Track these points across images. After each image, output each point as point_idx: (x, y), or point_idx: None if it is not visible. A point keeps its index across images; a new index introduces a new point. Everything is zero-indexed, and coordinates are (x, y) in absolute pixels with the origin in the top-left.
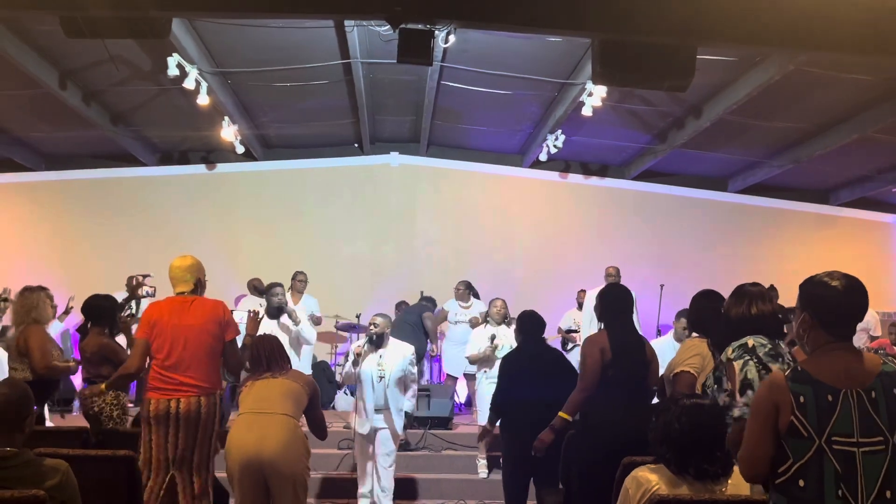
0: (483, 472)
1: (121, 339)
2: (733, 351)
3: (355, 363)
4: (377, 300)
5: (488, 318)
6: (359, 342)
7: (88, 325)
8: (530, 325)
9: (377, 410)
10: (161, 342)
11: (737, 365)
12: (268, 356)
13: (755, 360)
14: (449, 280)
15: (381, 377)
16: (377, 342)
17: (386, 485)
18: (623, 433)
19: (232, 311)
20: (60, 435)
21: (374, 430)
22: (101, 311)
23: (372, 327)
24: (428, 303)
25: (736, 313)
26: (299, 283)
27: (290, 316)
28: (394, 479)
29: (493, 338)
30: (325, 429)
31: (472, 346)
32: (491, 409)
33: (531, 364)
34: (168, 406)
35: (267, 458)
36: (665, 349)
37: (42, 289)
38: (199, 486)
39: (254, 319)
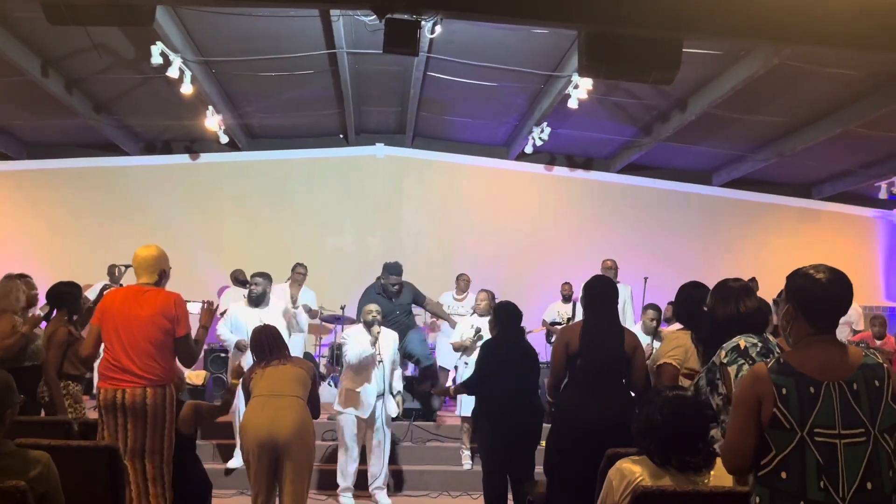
0: (467, 462)
1: None
2: (727, 354)
3: (374, 342)
4: (362, 292)
5: (474, 311)
6: (371, 328)
7: (53, 313)
8: (507, 316)
9: (378, 396)
10: (108, 330)
11: (731, 370)
12: (269, 345)
13: (749, 364)
14: (434, 272)
15: (380, 362)
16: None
17: (385, 473)
18: (591, 421)
19: (187, 301)
20: (42, 425)
21: (374, 417)
22: (62, 298)
23: (375, 314)
24: (391, 275)
25: (723, 313)
26: (299, 274)
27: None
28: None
29: (478, 330)
30: (319, 408)
31: (455, 335)
32: (463, 384)
33: (507, 355)
34: (115, 396)
35: (280, 437)
36: None
37: (22, 276)
38: (151, 476)
39: (208, 311)
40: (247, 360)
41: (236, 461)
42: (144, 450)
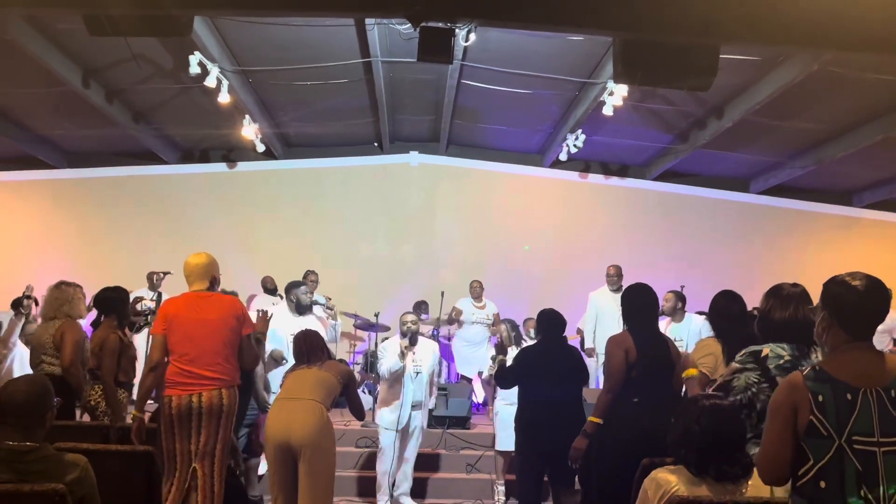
0: (501, 499)
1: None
2: (742, 355)
3: (402, 356)
4: (395, 299)
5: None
6: (402, 339)
7: (101, 318)
8: (548, 323)
9: (413, 406)
10: (179, 337)
11: (734, 366)
12: (308, 351)
13: (758, 373)
14: (467, 280)
15: (418, 373)
16: (412, 340)
17: (411, 479)
18: (645, 433)
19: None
20: (81, 430)
21: (408, 427)
22: (110, 304)
23: (411, 325)
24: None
25: (780, 317)
26: (311, 282)
27: (330, 309)
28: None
29: (494, 357)
30: (363, 410)
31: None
32: (496, 375)
33: (547, 363)
34: (190, 401)
35: (293, 439)
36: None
37: (77, 286)
38: (218, 475)
39: (263, 319)
40: (280, 371)
41: (263, 467)
42: (216, 450)
